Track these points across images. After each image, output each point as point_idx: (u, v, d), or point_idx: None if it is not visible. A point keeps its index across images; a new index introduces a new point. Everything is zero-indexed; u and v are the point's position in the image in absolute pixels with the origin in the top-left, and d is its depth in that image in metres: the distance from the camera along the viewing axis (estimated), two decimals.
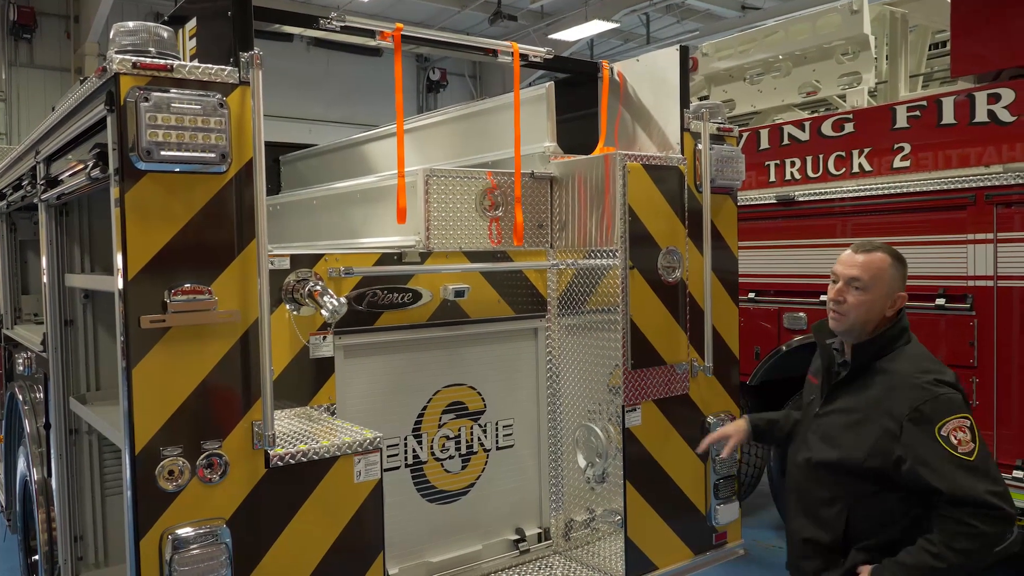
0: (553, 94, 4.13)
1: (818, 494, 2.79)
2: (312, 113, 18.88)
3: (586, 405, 4.00)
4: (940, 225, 5.08)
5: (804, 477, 2.86)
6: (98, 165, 2.81)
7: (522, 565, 4.06)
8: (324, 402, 3.42)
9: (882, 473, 2.62)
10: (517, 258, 4.01)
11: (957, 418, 2.53)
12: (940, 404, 2.55)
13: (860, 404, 2.70)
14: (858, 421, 2.68)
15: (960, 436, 2.50)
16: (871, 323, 2.73)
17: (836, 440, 2.74)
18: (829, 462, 2.74)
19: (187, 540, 2.62)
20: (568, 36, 18.72)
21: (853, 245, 2.81)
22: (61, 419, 3.90)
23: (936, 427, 2.51)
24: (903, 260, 2.77)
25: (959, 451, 2.49)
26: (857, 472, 2.66)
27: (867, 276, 2.70)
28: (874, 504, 2.67)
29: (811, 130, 5.92)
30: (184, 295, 2.64)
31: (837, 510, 2.72)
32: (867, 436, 2.64)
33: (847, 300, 2.73)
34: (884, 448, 2.60)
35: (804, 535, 2.84)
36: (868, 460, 2.63)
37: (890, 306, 2.73)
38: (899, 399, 2.60)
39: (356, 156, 5.71)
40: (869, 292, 2.70)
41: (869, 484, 2.66)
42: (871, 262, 2.72)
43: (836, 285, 2.78)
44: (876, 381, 2.70)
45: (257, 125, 2.74)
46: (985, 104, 4.95)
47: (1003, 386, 4.80)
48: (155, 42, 2.65)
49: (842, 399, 2.78)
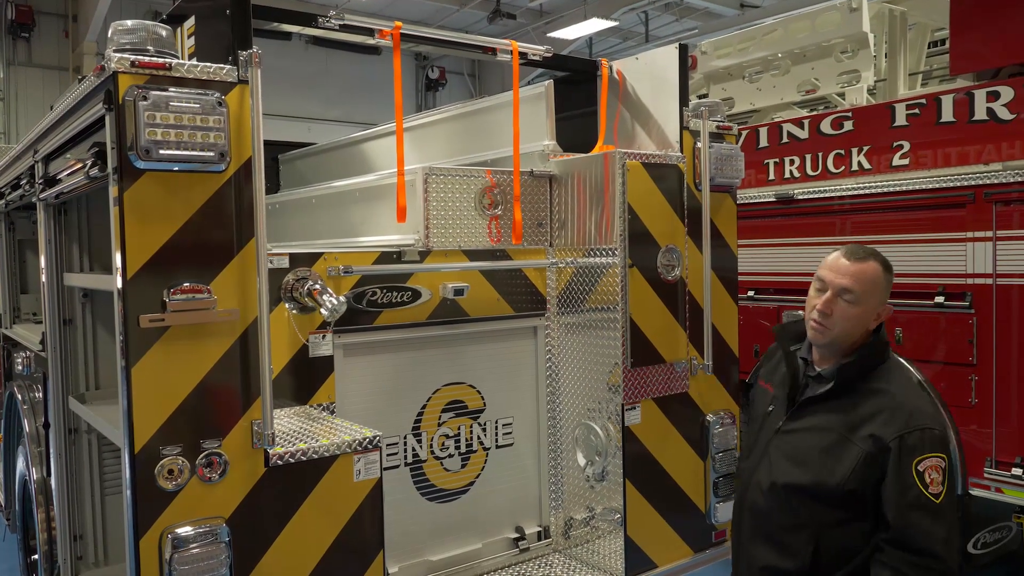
0: (552, 92, 4.12)
1: (782, 519, 2.56)
2: (311, 112, 18.86)
3: (585, 403, 3.99)
4: (939, 223, 5.08)
5: (766, 500, 2.61)
6: (97, 164, 2.81)
7: (522, 563, 4.06)
8: (323, 401, 3.41)
9: (858, 500, 2.44)
10: (516, 256, 4.01)
11: (936, 456, 2.38)
12: (925, 439, 2.39)
13: (839, 424, 2.49)
14: (836, 442, 2.47)
15: (934, 476, 2.36)
16: (854, 336, 2.53)
17: (808, 462, 2.51)
18: (800, 486, 2.51)
19: (187, 539, 2.62)
20: (567, 34, 18.71)
21: (843, 251, 2.58)
22: (60, 418, 3.89)
23: (915, 461, 2.37)
24: (892, 269, 2.60)
25: (929, 490, 2.35)
26: (831, 498, 2.45)
27: (860, 288, 2.48)
28: (843, 533, 2.47)
29: (810, 128, 5.92)
30: (183, 294, 2.63)
31: (804, 537, 2.49)
32: (846, 459, 2.44)
33: (834, 312, 2.50)
34: (864, 472, 2.42)
35: (764, 563, 2.61)
36: (845, 484, 2.43)
37: (875, 319, 2.55)
38: (887, 424, 2.42)
39: (355, 155, 5.71)
40: (859, 305, 2.49)
41: (841, 511, 2.46)
42: (864, 272, 2.49)
43: (824, 295, 2.53)
44: (863, 402, 2.49)
45: (256, 124, 2.73)
46: (984, 102, 4.95)
47: (1002, 384, 4.81)
48: (153, 40, 2.65)
49: (815, 416, 2.56)
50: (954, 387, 5.01)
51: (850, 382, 2.53)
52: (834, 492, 2.44)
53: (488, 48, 4.11)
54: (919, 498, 2.34)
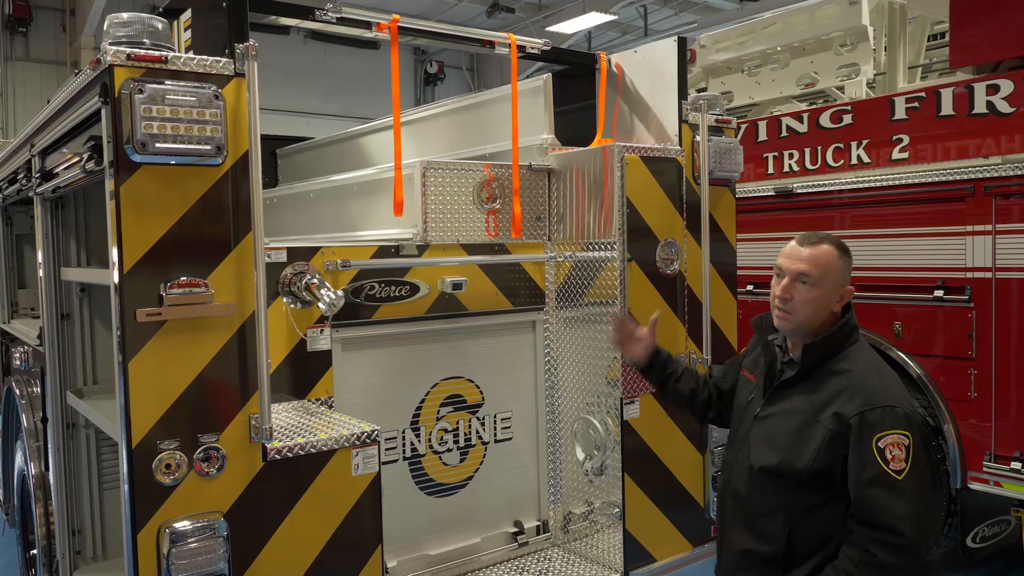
0: (551, 86, 4.11)
1: (760, 504, 2.59)
2: (309, 106, 18.82)
3: (584, 398, 3.99)
4: (939, 217, 5.07)
5: (745, 485, 2.65)
6: (93, 158, 2.80)
7: (521, 558, 4.06)
8: (322, 395, 3.41)
9: (827, 480, 2.45)
10: (515, 251, 4.00)
11: (898, 433, 2.38)
12: (887, 416, 2.40)
13: (807, 406, 2.52)
14: (805, 423, 2.50)
15: (895, 452, 2.36)
16: (819, 320, 2.56)
17: (779, 444, 2.55)
18: (770, 467, 2.55)
19: (185, 534, 2.62)
20: (566, 28, 18.65)
21: (797, 238, 2.61)
22: (58, 413, 3.89)
23: (876, 437, 2.38)
24: (849, 251, 2.61)
25: (890, 467, 2.35)
26: (801, 479, 2.48)
27: (816, 271, 2.51)
28: (818, 518, 2.49)
29: (809, 122, 5.91)
30: (180, 288, 2.63)
31: (780, 522, 2.52)
32: (812, 440, 2.47)
33: (794, 297, 2.53)
34: (829, 451, 2.44)
35: (742, 547, 2.64)
36: (813, 464, 2.46)
37: (838, 301, 2.56)
38: (849, 402, 2.44)
39: (353, 149, 5.69)
40: (817, 288, 2.52)
41: (814, 494, 2.48)
42: (819, 256, 2.52)
43: (782, 281, 2.57)
44: (827, 383, 2.52)
45: (253, 117, 2.72)
46: (984, 95, 4.94)
47: (1001, 378, 4.80)
48: (149, 33, 2.64)
49: (787, 400, 2.59)
50: (953, 381, 5.01)
51: (815, 364, 2.56)
52: (803, 473, 2.47)
53: (486, 41, 4.09)
54: (880, 475, 2.35)
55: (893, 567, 2.33)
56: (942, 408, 5.07)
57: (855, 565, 2.36)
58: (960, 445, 5.00)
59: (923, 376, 5.16)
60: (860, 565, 2.35)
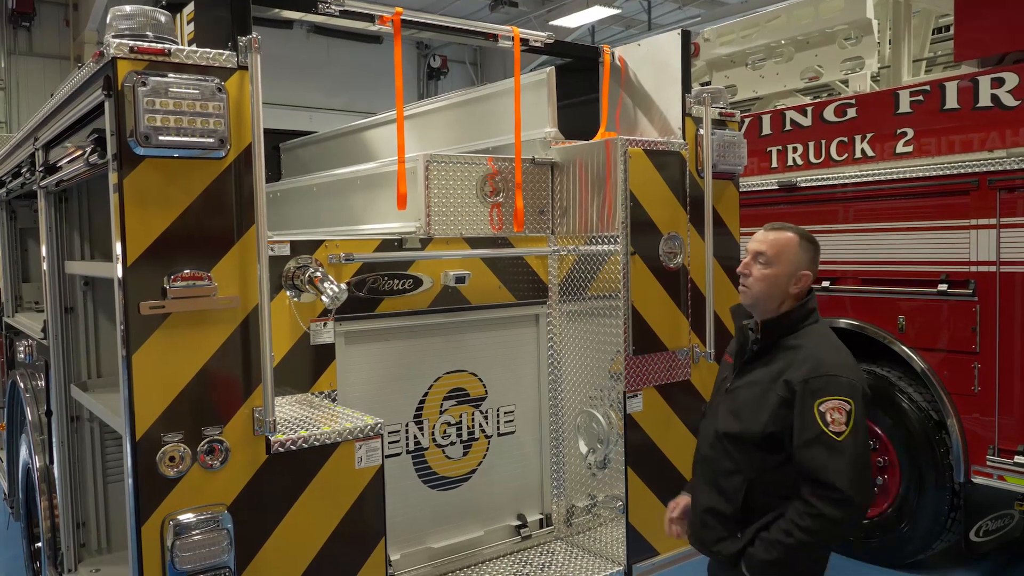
0: (554, 79, 4.10)
1: (722, 464, 2.84)
2: (312, 101, 18.81)
3: (587, 391, 3.99)
4: (943, 210, 5.06)
5: (710, 448, 2.91)
6: (96, 151, 2.80)
7: (524, 551, 4.07)
8: (325, 388, 3.41)
9: (780, 443, 2.69)
10: (518, 244, 4.00)
11: (839, 399, 2.61)
12: (830, 383, 2.63)
13: (765, 377, 2.77)
14: (762, 392, 2.76)
15: (836, 416, 2.59)
16: (775, 299, 2.81)
17: (740, 412, 2.81)
18: (732, 433, 2.81)
19: (189, 526, 2.62)
20: (569, 22, 18.61)
21: (765, 226, 2.93)
22: (62, 406, 3.90)
23: (817, 402, 2.61)
24: (814, 242, 2.87)
25: (830, 429, 2.58)
26: (757, 442, 2.73)
27: (772, 251, 2.80)
28: (773, 477, 2.73)
29: (813, 115, 5.89)
30: (184, 281, 2.63)
31: (738, 481, 2.78)
32: (767, 406, 2.72)
33: (752, 273, 2.83)
34: (780, 415, 2.68)
35: (706, 505, 2.88)
36: (766, 428, 2.71)
37: (794, 283, 2.80)
38: (797, 370, 2.69)
39: (356, 143, 5.69)
40: (772, 267, 2.79)
41: (769, 456, 2.73)
42: (777, 239, 2.83)
43: (744, 259, 2.90)
44: (782, 356, 2.77)
45: (256, 110, 2.72)
46: (988, 88, 4.92)
47: (1005, 372, 4.80)
48: (152, 26, 2.63)
49: (751, 374, 2.85)
50: (957, 375, 5.01)
51: (773, 338, 2.82)
52: (758, 437, 2.73)
53: (489, 34, 4.08)
54: (819, 435, 2.59)
55: (829, 518, 2.56)
56: (946, 402, 5.07)
57: (799, 515, 2.61)
58: (964, 439, 4.99)
59: (926, 370, 5.16)
60: (802, 515, 2.60)
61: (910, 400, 5.25)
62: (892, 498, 5.39)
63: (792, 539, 2.60)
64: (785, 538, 2.62)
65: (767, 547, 2.67)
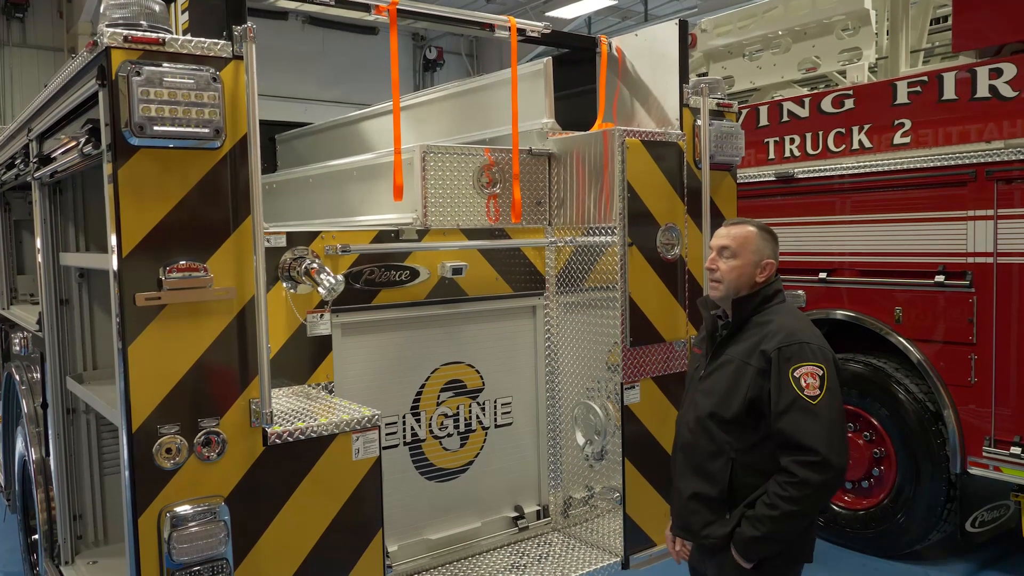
0: (551, 70, 4.08)
1: (705, 447, 2.89)
2: (307, 92, 18.72)
3: (584, 383, 3.99)
4: (940, 202, 5.05)
5: (691, 433, 2.95)
6: (91, 141, 2.78)
7: (521, 542, 4.07)
8: (322, 380, 3.41)
9: (760, 417, 2.75)
10: (515, 235, 3.99)
11: (812, 364, 2.70)
12: (803, 350, 2.73)
13: (739, 354, 2.86)
14: (737, 368, 2.83)
15: (810, 381, 2.68)
16: (743, 288, 2.92)
17: (717, 390, 2.88)
18: (711, 412, 2.87)
19: (185, 518, 2.62)
20: (565, 13, 18.54)
21: (724, 223, 3.07)
22: (58, 399, 3.88)
23: (791, 368, 2.69)
24: (772, 233, 2.99)
25: (805, 393, 2.66)
26: (738, 417, 2.79)
27: (734, 244, 2.92)
28: (755, 455, 2.78)
29: (811, 107, 5.88)
30: (179, 272, 2.62)
31: (722, 462, 2.83)
32: (742, 380, 2.80)
33: (719, 268, 2.93)
34: (757, 385, 2.76)
35: (691, 491, 2.92)
36: (745, 398, 2.77)
37: (760, 272, 2.92)
38: (770, 340, 2.78)
39: (353, 134, 5.66)
40: (738, 258, 2.91)
41: (750, 432, 2.79)
42: (738, 233, 2.95)
43: (711, 256, 2.99)
44: (752, 332, 2.87)
45: (251, 100, 2.70)
46: (986, 79, 4.91)
47: (1001, 363, 4.80)
48: (146, 15, 2.61)
49: (723, 355, 2.93)
50: (954, 366, 5.01)
51: (744, 317, 2.92)
52: (738, 411, 2.80)
53: (486, 24, 4.06)
54: (796, 400, 2.66)
55: (810, 483, 2.62)
56: (942, 393, 5.08)
57: (781, 487, 2.66)
58: (960, 430, 5.00)
59: (923, 361, 5.16)
60: (783, 485, 2.65)
61: (907, 391, 5.26)
62: (888, 489, 5.40)
63: (777, 511, 2.65)
64: (770, 511, 2.67)
65: (754, 524, 2.71)
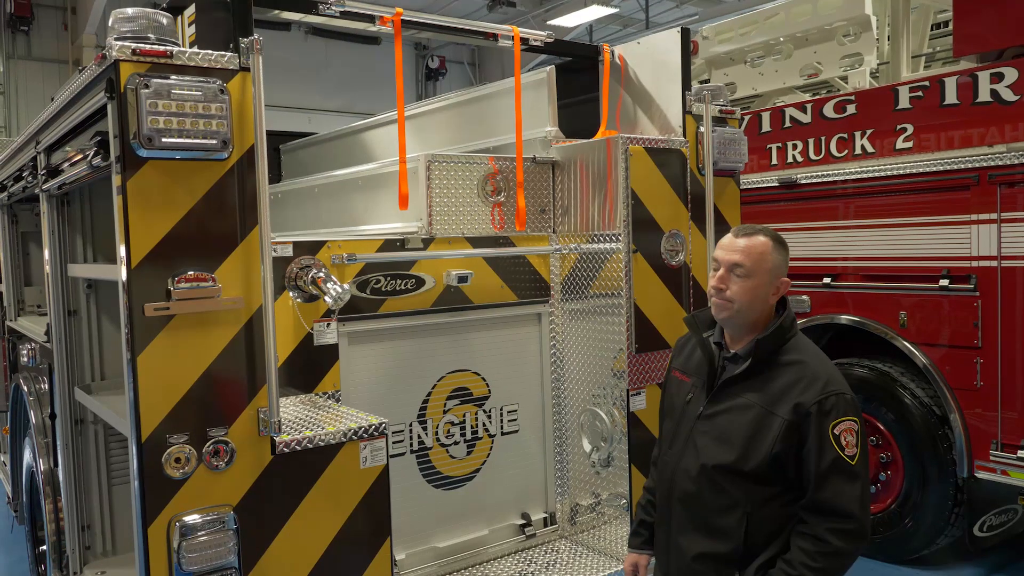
0: (554, 78, 4.11)
1: (714, 502, 2.57)
2: (311, 102, 18.82)
3: (590, 389, 3.99)
4: (943, 206, 5.06)
5: (696, 485, 2.61)
6: (99, 153, 2.79)
7: (528, 550, 4.08)
8: (329, 389, 3.42)
9: (782, 471, 2.49)
10: (520, 243, 4.00)
11: (850, 420, 2.47)
12: (840, 403, 2.47)
13: (759, 399, 2.53)
14: (759, 417, 2.51)
15: (849, 439, 2.45)
16: (755, 311, 2.58)
17: (733, 440, 2.54)
18: (727, 464, 2.53)
19: (195, 527, 2.63)
20: (567, 22, 18.62)
21: (734, 230, 2.68)
22: (66, 409, 3.89)
23: (831, 424, 2.44)
24: (785, 244, 2.64)
25: (845, 453, 2.43)
26: (757, 471, 2.49)
27: (749, 261, 2.55)
28: (772, 509, 2.52)
29: (813, 112, 5.89)
30: (188, 282, 2.63)
31: (737, 517, 2.52)
32: (770, 431, 2.48)
33: (730, 287, 2.57)
34: (786, 441, 2.46)
35: (697, 551, 2.60)
36: (771, 455, 2.47)
37: (773, 292, 2.59)
38: (806, 391, 2.48)
39: (357, 143, 5.69)
40: (752, 278, 2.55)
41: (769, 487, 2.51)
42: (753, 246, 2.57)
43: (718, 272, 2.61)
44: (780, 374, 2.53)
45: (258, 111, 2.72)
46: (988, 84, 4.93)
47: (1007, 367, 4.80)
48: (154, 28, 2.64)
49: (736, 396, 2.58)
50: (959, 370, 5.01)
51: (766, 357, 2.57)
52: (760, 465, 2.49)
53: (490, 34, 4.09)
54: (837, 461, 2.42)
55: (844, 553, 2.41)
56: (948, 397, 5.07)
57: (810, 556, 2.40)
58: (967, 434, 5.00)
59: (929, 365, 5.16)
60: (815, 556, 2.40)
61: (913, 396, 5.26)
62: (896, 494, 5.39)
63: None
64: None
65: None
